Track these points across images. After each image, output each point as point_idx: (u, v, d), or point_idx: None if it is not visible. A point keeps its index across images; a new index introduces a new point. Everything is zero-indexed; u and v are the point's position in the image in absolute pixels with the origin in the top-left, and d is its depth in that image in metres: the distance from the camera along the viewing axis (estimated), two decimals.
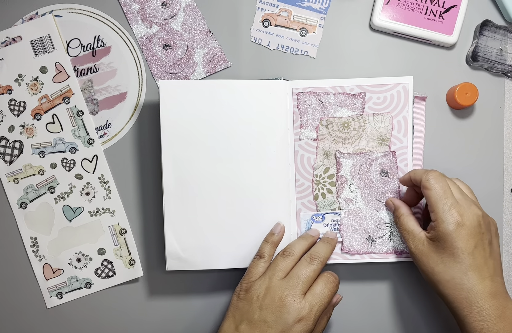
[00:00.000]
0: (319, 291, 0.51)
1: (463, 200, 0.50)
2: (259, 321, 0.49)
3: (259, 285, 0.51)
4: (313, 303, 0.50)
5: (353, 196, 0.57)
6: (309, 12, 0.60)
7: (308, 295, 0.50)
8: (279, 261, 0.52)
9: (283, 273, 0.51)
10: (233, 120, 0.56)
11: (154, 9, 0.60)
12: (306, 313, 0.49)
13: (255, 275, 0.52)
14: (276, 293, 0.50)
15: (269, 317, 0.49)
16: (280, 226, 0.56)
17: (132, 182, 0.60)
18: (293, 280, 0.51)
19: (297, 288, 0.50)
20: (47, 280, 0.60)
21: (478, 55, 0.58)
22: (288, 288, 0.50)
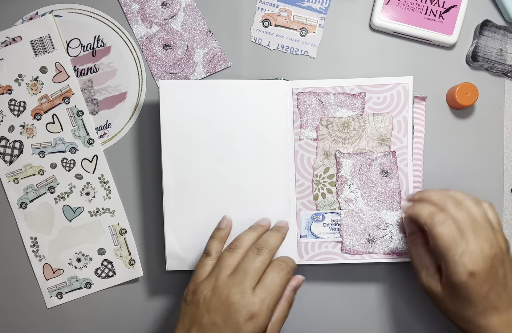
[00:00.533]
0: (269, 282, 0.47)
1: (473, 237, 0.46)
2: (208, 324, 0.46)
3: (205, 286, 0.48)
4: (263, 296, 0.46)
5: (353, 196, 0.57)
6: (309, 12, 0.60)
7: (257, 289, 0.46)
8: (225, 257, 0.49)
9: (229, 269, 0.48)
10: (233, 120, 0.56)
11: (154, 9, 0.60)
12: (257, 309, 0.46)
13: (202, 275, 0.49)
14: (223, 292, 0.46)
15: (218, 318, 0.46)
16: (227, 220, 0.52)
17: (132, 182, 0.60)
18: (240, 275, 0.47)
19: (245, 283, 0.46)
20: (47, 280, 0.60)
21: (478, 55, 0.58)
22: (236, 284, 0.46)
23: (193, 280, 0.50)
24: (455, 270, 0.45)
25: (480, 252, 0.45)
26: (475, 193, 0.56)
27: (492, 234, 0.47)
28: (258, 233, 0.52)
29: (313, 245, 0.57)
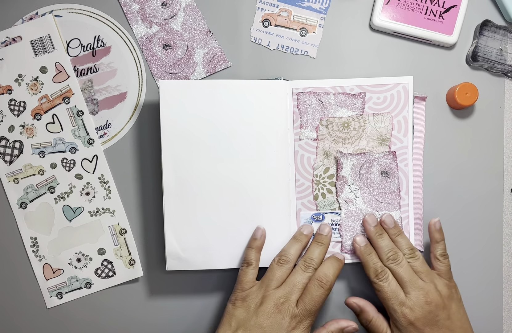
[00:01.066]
0: (307, 301, 0.52)
1: (411, 289, 0.52)
2: (255, 326, 0.51)
3: (256, 294, 0.53)
4: (303, 315, 0.52)
5: (353, 196, 0.57)
6: (309, 12, 0.60)
7: (299, 306, 0.52)
8: (275, 270, 0.53)
9: (279, 282, 0.53)
10: (233, 120, 0.56)
11: (154, 9, 0.60)
12: (300, 318, 0.51)
13: (248, 283, 0.54)
14: (272, 300, 0.52)
15: (265, 323, 0.51)
16: (261, 230, 0.56)
17: (132, 182, 0.60)
18: (289, 287, 0.52)
19: (292, 295, 0.52)
20: (47, 280, 0.60)
21: (478, 55, 0.58)
22: (284, 295, 0.52)
23: (239, 287, 0.54)
24: (397, 318, 0.52)
25: (417, 303, 0.52)
26: (475, 193, 0.56)
27: (430, 285, 0.53)
28: (303, 243, 0.56)
29: None
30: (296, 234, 0.56)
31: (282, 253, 0.55)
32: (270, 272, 0.54)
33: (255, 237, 0.56)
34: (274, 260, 0.55)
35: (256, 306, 0.52)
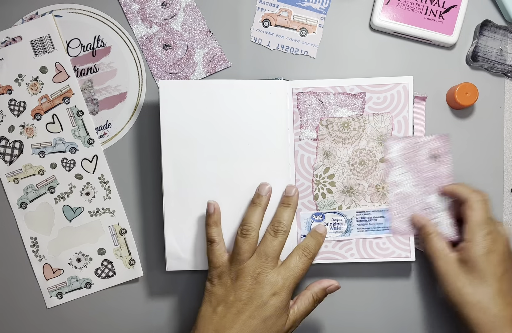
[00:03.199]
0: (293, 265, 0.52)
1: (500, 225, 0.52)
2: (235, 301, 0.51)
3: (229, 270, 0.52)
4: (286, 276, 0.51)
5: (401, 180, 0.57)
6: (309, 12, 0.60)
7: (281, 269, 0.52)
8: (241, 244, 0.52)
9: (249, 253, 0.52)
10: (233, 120, 0.56)
11: (154, 9, 0.60)
12: (279, 287, 0.51)
13: (218, 260, 0.53)
14: (248, 273, 0.51)
15: (244, 295, 0.51)
16: (212, 204, 0.54)
17: (132, 182, 0.60)
18: (262, 258, 0.52)
19: (267, 264, 0.51)
20: (47, 280, 0.60)
21: (478, 55, 0.58)
22: (259, 266, 0.51)
23: (212, 266, 0.53)
24: (479, 242, 0.50)
25: (501, 235, 0.51)
26: None
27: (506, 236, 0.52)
28: (263, 206, 0.54)
29: None
30: (254, 198, 0.55)
31: (243, 223, 0.53)
32: (236, 246, 0.52)
33: (209, 213, 0.54)
34: (237, 232, 0.53)
35: (233, 281, 0.51)
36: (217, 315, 0.51)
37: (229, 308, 0.51)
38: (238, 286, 0.51)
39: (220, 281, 0.52)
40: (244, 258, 0.52)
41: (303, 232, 0.58)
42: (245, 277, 0.51)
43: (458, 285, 0.50)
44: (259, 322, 0.50)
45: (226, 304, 0.51)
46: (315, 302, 0.54)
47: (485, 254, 0.49)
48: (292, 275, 0.52)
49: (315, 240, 0.55)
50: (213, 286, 0.53)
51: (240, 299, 0.51)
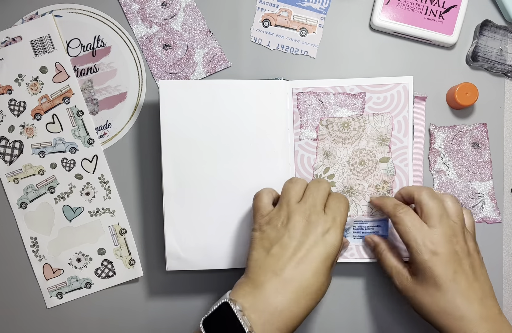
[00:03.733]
0: (335, 206, 0.50)
1: (438, 224, 0.49)
2: (290, 241, 0.47)
3: (279, 215, 0.49)
4: (334, 215, 0.49)
5: (446, 168, 0.58)
6: (309, 12, 0.60)
7: (327, 210, 0.50)
8: (289, 188, 0.51)
9: (298, 197, 0.50)
10: (233, 120, 0.56)
11: (154, 9, 0.60)
12: (330, 224, 0.48)
13: (266, 208, 0.51)
14: (299, 214, 0.48)
15: (298, 235, 0.47)
16: None
17: (132, 182, 0.60)
18: (310, 200, 0.49)
19: (316, 206, 0.49)
20: (47, 280, 0.60)
21: (478, 55, 0.58)
22: (308, 208, 0.49)
23: (259, 214, 0.51)
24: (418, 249, 0.48)
25: (442, 236, 0.48)
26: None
27: (459, 228, 0.49)
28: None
29: None
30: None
31: (290, 178, 0.53)
32: (285, 192, 0.51)
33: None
34: (286, 181, 0.52)
35: (284, 224, 0.48)
36: (273, 257, 0.47)
37: (285, 248, 0.47)
38: (291, 226, 0.48)
39: (270, 226, 0.49)
40: (292, 201, 0.50)
41: None
42: (297, 219, 0.48)
43: (418, 298, 0.49)
44: (318, 262, 0.47)
45: (281, 245, 0.47)
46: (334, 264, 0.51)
47: (429, 259, 0.48)
48: (338, 212, 0.49)
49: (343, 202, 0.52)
50: (263, 232, 0.49)
51: (295, 237, 0.47)
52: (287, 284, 0.45)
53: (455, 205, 0.51)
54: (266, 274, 0.46)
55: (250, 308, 0.44)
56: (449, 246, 0.48)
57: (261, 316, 0.44)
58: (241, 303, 0.44)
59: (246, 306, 0.44)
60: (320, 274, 0.47)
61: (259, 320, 0.44)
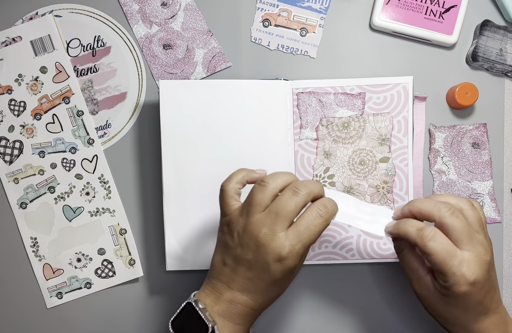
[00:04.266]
0: (303, 228, 0.45)
1: (469, 245, 0.44)
2: (241, 258, 0.46)
3: (237, 221, 0.46)
4: (294, 242, 0.44)
5: (446, 168, 0.58)
6: (309, 12, 0.60)
7: (289, 232, 0.44)
8: (256, 193, 0.46)
9: (261, 208, 0.45)
10: (233, 120, 0.56)
11: (154, 9, 0.60)
12: (286, 253, 0.44)
13: (229, 206, 0.48)
14: (253, 232, 0.45)
15: (249, 255, 0.45)
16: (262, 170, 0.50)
17: (132, 182, 0.60)
18: (271, 217, 0.45)
19: (276, 226, 0.44)
20: (47, 280, 0.60)
21: (478, 55, 0.58)
22: (266, 226, 0.45)
23: (222, 212, 0.49)
24: (455, 281, 0.43)
25: (478, 260, 0.44)
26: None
27: (485, 238, 0.46)
28: (293, 177, 0.48)
29: (313, 245, 0.57)
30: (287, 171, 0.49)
31: (266, 177, 0.47)
32: (250, 195, 0.46)
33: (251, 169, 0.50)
34: (256, 182, 0.48)
35: (239, 235, 0.46)
36: (228, 267, 0.47)
37: (237, 263, 0.46)
38: (244, 243, 0.45)
39: (229, 231, 0.47)
40: (254, 210, 0.45)
41: None
42: (249, 237, 0.45)
43: (437, 310, 0.47)
44: (267, 284, 0.46)
45: (234, 259, 0.46)
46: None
47: (466, 290, 0.43)
48: (303, 239, 0.44)
49: (331, 201, 0.47)
50: (223, 234, 0.48)
51: (246, 258, 0.45)
52: (239, 296, 0.47)
53: (474, 211, 0.46)
54: (221, 283, 0.47)
55: (211, 305, 0.47)
56: (483, 271, 0.44)
57: (221, 313, 0.47)
58: (204, 302, 0.47)
59: (208, 304, 0.47)
60: (271, 291, 0.47)
61: (220, 315, 0.47)
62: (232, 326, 0.47)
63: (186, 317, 0.46)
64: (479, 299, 0.45)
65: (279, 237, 0.44)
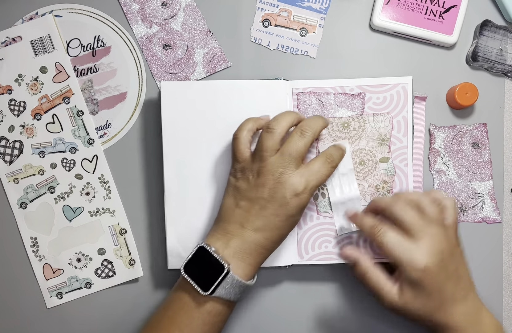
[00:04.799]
0: (316, 169, 0.51)
1: (421, 236, 0.49)
2: (257, 198, 0.50)
3: (251, 166, 0.51)
4: (309, 179, 0.50)
5: (446, 168, 0.59)
6: (309, 12, 0.60)
7: (304, 171, 0.50)
8: (264, 140, 0.51)
9: (273, 151, 0.50)
10: (234, 120, 0.56)
11: (154, 9, 0.60)
12: (302, 188, 0.50)
13: (242, 155, 0.52)
14: (270, 171, 0.50)
15: (266, 193, 0.49)
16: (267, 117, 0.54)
17: (132, 182, 0.60)
18: (284, 157, 0.50)
19: (290, 165, 0.50)
20: (47, 280, 0.60)
21: (478, 55, 0.58)
22: (282, 166, 0.50)
23: (235, 160, 0.52)
24: (406, 268, 0.48)
25: (430, 249, 0.48)
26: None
27: (440, 230, 0.49)
28: (296, 117, 0.53)
29: (313, 245, 0.57)
30: (289, 110, 0.55)
31: (271, 122, 0.52)
32: (260, 142, 0.51)
33: (259, 117, 0.54)
34: (263, 129, 0.52)
35: (254, 178, 0.50)
36: (241, 209, 0.50)
37: (252, 204, 0.50)
38: (260, 183, 0.50)
39: (243, 176, 0.51)
40: (266, 155, 0.50)
41: (305, 228, 0.58)
42: (266, 175, 0.49)
43: (411, 313, 0.50)
44: (282, 219, 0.50)
45: (249, 200, 0.50)
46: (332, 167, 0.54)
47: (418, 276, 0.48)
48: (314, 178, 0.50)
49: (339, 150, 0.55)
50: (236, 180, 0.52)
51: (262, 197, 0.49)
52: (252, 235, 0.50)
53: (432, 206, 0.50)
54: (234, 224, 0.50)
55: (222, 248, 0.49)
56: (435, 258, 0.48)
57: (233, 255, 0.49)
58: (215, 246, 0.49)
59: (218, 247, 0.49)
60: (283, 227, 0.50)
61: (232, 256, 0.49)
62: (245, 266, 0.49)
63: (198, 261, 0.48)
64: (437, 286, 0.48)
65: (295, 175, 0.50)
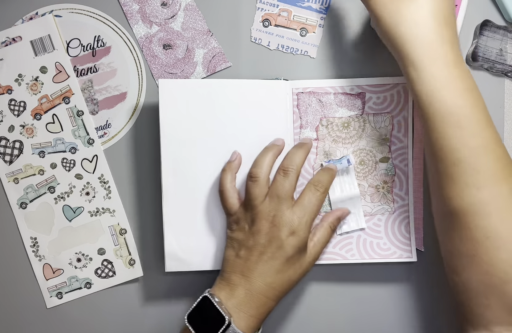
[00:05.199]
0: (306, 202, 0.52)
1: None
2: (255, 245, 0.51)
3: (244, 216, 0.53)
4: (301, 215, 0.52)
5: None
6: (309, 12, 0.60)
7: (295, 208, 0.52)
8: (251, 189, 0.53)
9: (261, 197, 0.52)
10: (233, 120, 0.56)
11: (154, 9, 0.60)
12: (296, 226, 0.51)
13: (233, 208, 0.54)
14: (263, 217, 0.51)
15: (263, 239, 0.51)
16: (236, 153, 0.55)
17: (132, 182, 0.60)
18: (274, 200, 0.52)
19: (281, 206, 0.51)
20: (47, 280, 0.60)
21: (478, 55, 0.58)
22: (273, 209, 0.51)
23: (227, 214, 0.54)
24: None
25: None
26: None
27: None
28: (274, 153, 0.54)
29: None
30: (268, 145, 0.55)
31: (252, 167, 0.54)
32: (248, 192, 0.53)
33: (229, 160, 0.55)
34: (247, 178, 0.54)
35: (249, 226, 0.52)
36: (241, 258, 0.52)
37: (251, 251, 0.51)
38: (256, 230, 0.51)
39: (238, 227, 0.53)
40: (256, 203, 0.52)
41: None
42: (260, 221, 0.51)
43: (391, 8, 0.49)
44: (281, 262, 0.51)
45: (247, 248, 0.52)
46: (332, 231, 0.55)
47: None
48: (307, 212, 0.52)
49: (327, 173, 0.55)
50: (232, 232, 0.54)
51: (259, 243, 0.51)
52: (254, 283, 0.51)
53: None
54: (236, 274, 0.51)
55: (226, 299, 0.50)
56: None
57: (236, 305, 0.50)
58: (219, 296, 0.50)
59: (222, 299, 0.50)
60: (284, 271, 0.51)
61: (236, 307, 0.50)
62: (247, 317, 0.50)
63: (202, 311, 0.50)
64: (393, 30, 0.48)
65: (287, 214, 0.51)
